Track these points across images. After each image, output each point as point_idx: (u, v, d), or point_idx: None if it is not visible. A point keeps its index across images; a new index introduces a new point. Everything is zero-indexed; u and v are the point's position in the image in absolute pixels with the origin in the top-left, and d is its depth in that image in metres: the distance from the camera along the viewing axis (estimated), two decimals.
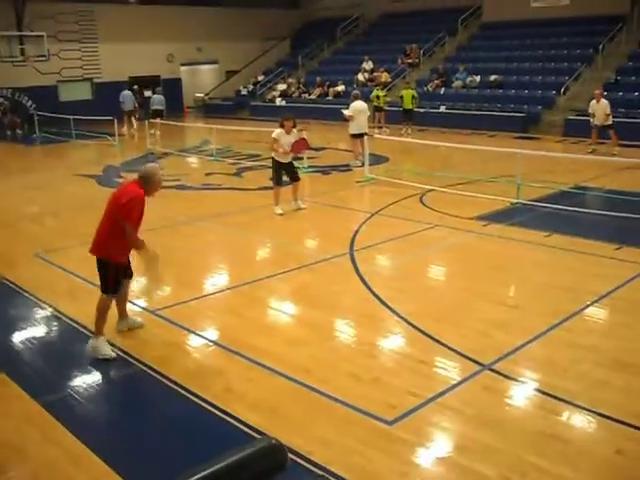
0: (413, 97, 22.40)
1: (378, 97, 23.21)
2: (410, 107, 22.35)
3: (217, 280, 8.56)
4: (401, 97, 22.57)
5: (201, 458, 2.47)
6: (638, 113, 20.48)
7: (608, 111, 17.43)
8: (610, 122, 17.51)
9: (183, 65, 35.13)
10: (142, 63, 32.20)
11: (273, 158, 11.57)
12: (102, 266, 6.40)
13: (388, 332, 6.78)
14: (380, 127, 23.02)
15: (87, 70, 31.35)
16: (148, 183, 6.51)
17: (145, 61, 32.34)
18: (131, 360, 6.18)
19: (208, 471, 1.35)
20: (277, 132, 11.42)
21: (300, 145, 11.81)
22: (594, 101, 17.76)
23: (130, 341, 6.58)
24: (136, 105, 26.30)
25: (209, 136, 21.16)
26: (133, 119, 25.78)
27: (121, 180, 15.77)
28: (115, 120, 21.98)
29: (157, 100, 25.55)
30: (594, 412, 5.04)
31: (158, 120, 23.59)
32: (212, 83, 36.39)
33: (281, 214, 11.41)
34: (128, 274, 6.70)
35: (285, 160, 11.48)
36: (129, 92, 26.63)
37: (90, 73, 31.49)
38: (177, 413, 5.35)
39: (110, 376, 6.03)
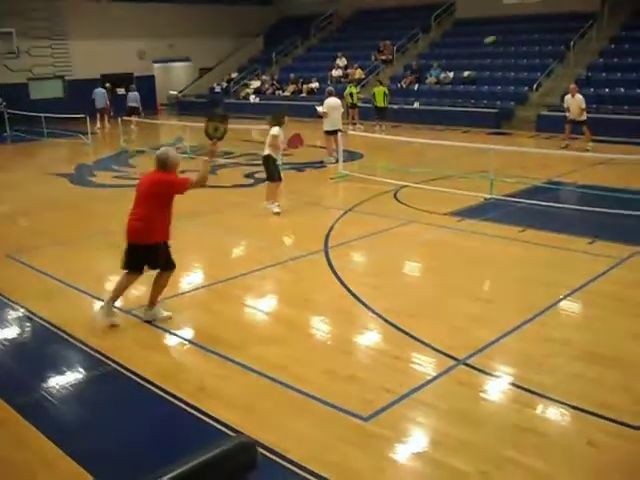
0: (385, 94, 22.40)
1: (351, 94, 23.18)
2: (382, 105, 22.36)
3: (191, 278, 8.50)
4: (373, 95, 22.57)
5: (175, 457, 2.45)
6: (609, 109, 20.69)
7: (583, 106, 17.45)
8: (584, 117, 17.56)
9: (156, 62, 34.84)
10: (114, 60, 31.83)
11: (270, 155, 11.22)
12: (150, 251, 6.77)
13: (363, 328, 6.78)
14: (354, 124, 23.01)
15: (58, 68, 30.93)
16: (166, 166, 6.88)
17: (117, 58, 31.97)
18: (105, 360, 6.11)
19: (175, 472, 1.32)
20: (277, 129, 11.21)
21: (296, 140, 11.79)
22: (569, 95, 17.81)
23: (104, 341, 6.51)
24: (107, 103, 26.09)
25: (183, 133, 21.03)
26: (106, 117, 25.57)
27: (93, 179, 15.64)
28: (87, 118, 21.75)
29: (132, 97, 25.37)
30: (567, 405, 5.09)
31: (134, 117, 23.43)
32: (185, 80, 36.17)
33: (278, 213, 11.19)
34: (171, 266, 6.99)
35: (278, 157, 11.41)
36: (101, 90, 26.52)
37: (61, 71, 31.08)
38: (151, 412, 5.31)
39: (84, 376, 5.95)
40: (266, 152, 11.26)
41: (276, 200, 11.29)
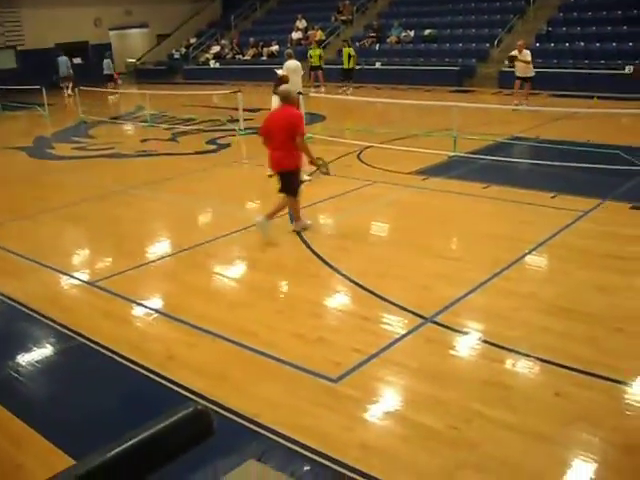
0: (350, 55, 22.29)
1: (311, 56, 22.99)
2: (346, 66, 22.25)
3: (156, 248, 8.41)
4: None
5: None
6: (569, 63, 20.75)
7: (528, 58, 17.06)
8: (532, 74, 17.18)
9: (112, 30, 34.09)
10: (68, 29, 31.05)
11: None
12: (289, 177, 8.01)
13: (331, 291, 6.77)
14: (317, 86, 22.84)
15: (9, 37, 30.11)
16: (289, 100, 8.08)
17: (71, 27, 31.19)
18: (71, 334, 6.02)
19: (123, 446, 1.28)
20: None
21: None
22: (515, 51, 17.49)
23: (69, 314, 6.42)
24: (71, 71, 25.64)
25: (143, 102, 20.69)
26: (70, 85, 25.33)
27: (52, 151, 15.34)
28: (43, 89, 21.25)
29: (106, 65, 25.11)
30: (534, 357, 5.14)
31: (111, 84, 23.41)
32: (143, 48, 35.51)
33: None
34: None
35: None
36: (64, 58, 26.37)
37: (13, 40, 30.27)
38: (120, 384, 5.26)
39: (50, 352, 5.87)
40: None
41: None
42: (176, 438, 1.30)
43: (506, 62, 18.14)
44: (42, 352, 5.84)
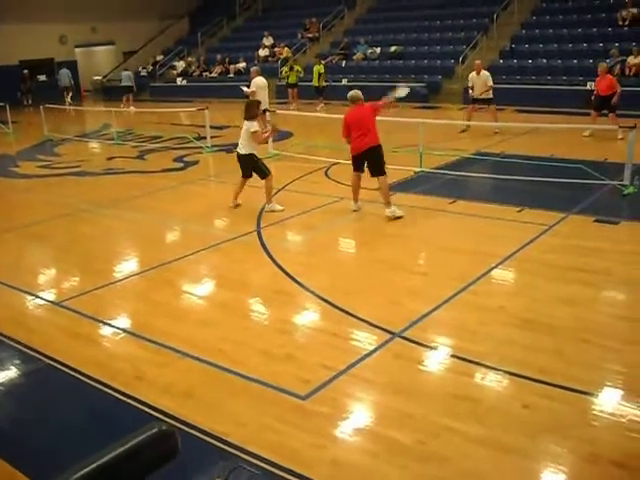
0: (319, 73, 22.51)
1: (287, 73, 23.21)
2: (316, 84, 22.53)
3: (123, 266, 8.32)
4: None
5: None
6: (532, 79, 21.08)
7: (490, 83, 16.49)
8: (490, 96, 16.60)
9: (77, 47, 33.88)
10: (34, 46, 30.75)
11: (252, 154, 10.04)
12: (378, 153, 9.49)
13: (299, 307, 6.76)
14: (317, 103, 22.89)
15: None
16: (360, 99, 9.86)
17: (36, 43, 30.88)
18: (36, 355, 5.93)
19: (86, 470, 1.27)
20: (255, 124, 9.96)
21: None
22: (474, 73, 16.89)
23: (34, 335, 6.33)
24: (72, 82, 28.11)
25: (109, 120, 20.56)
26: (70, 94, 27.58)
27: (16, 169, 15.16)
28: (7, 107, 20.98)
29: (125, 76, 26.09)
30: (502, 370, 5.18)
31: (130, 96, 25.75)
32: (109, 65, 35.31)
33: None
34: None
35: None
36: (66, 70, 29.30)
37: None
38: (86, 405, 5.19)
39: (15, 374, 5.76)
40: (243, 151, 10.04)
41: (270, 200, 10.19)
42: (141, 459, 1.29)
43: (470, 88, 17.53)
44: (6, 374, 5.73)
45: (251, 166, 10.13)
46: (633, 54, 19.62)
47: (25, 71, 28.42)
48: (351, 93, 9.89)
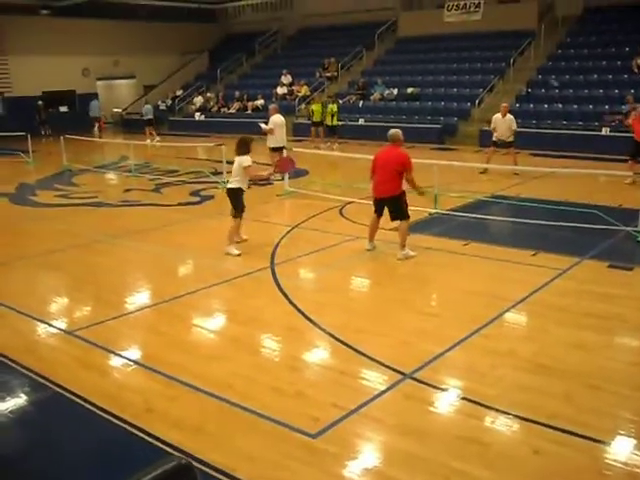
0: (333, 113, 22.70)
1: (314, 112, 23.40)
2: (330, 123, 22.73)
3: (136, 298, 8.38)
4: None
5: None
6: (548, 124, 21.21)
7: (514, 127, 16.66)
8: (512, 139, 16.71)
9: (99, 79, 34.44)
10: (56, 77, 31.36)
11: (241, 188, 10.05)
12: (395, 202, 9.38)
13: (310, 345, 6.77)
14: (326, 142, 23.00)
15: None
16: (399, 140, 9.50)
17: (59, 75, 31.49)
18: (47, 384, 5.96)
19: None
20: (248, 159, 9.87)
21: (287, 164, 11.69)
22: (498, 115, 16.95)
23: (45, 364, 6.36)
24: (102, 113, 30.28)
25: (127, 152, 20.80)
26: (100, 124, 29.66)
27: (34, 198, 15.32)
28: (29, 136, 21.30)
29: (147, 110, 27.42)
30: (512, 415, 5.15)
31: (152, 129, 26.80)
32: (130, 98, 35.82)
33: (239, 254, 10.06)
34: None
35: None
36: (96, 101, 31.40)
37: (0, 87, 30.48)
38: (96, 437, 5.19)
39: (25, 402, 5.79)
40: (233, 185, 10.02)
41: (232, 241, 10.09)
42: None
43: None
44: (16, 402, 5.75)
45: (230, 199, 10.01)
46: None
47: (40, 102, 28.93)
48: (391, 131, 9.66)
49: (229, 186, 10.15)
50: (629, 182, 14.46)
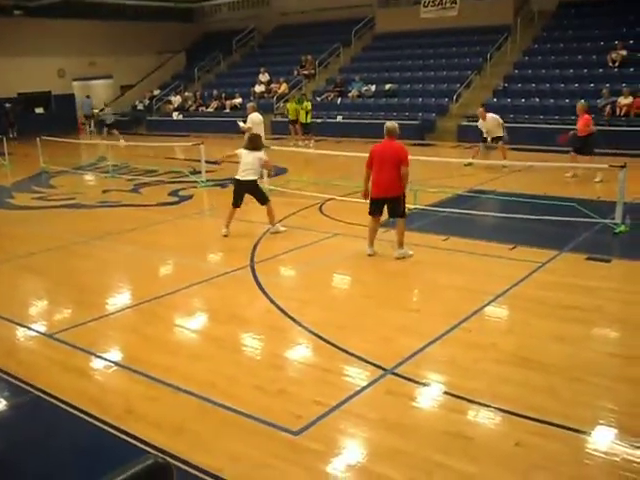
0: (307, 111, 22.67)
1: (289, 110, 23.35)
2: (304, 120, 22.71)
3: (116, 299, 8.32)
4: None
5: None
6: (525, 118, 21.34)
7: (500, 121, 17.07)
8: (501, 133, 17.06)
9: (75, 80, 34.15)
10: (31, 78, 31.02)
11: (256, 180, 10.88)
12: (397, 201, 9.16)
13: (292, 342, 6.76)
14: (304, 140, 22.84)
15: None
16: (395, 134, 9.23)
17: (34, 76, 31.15)
18: (26, 387, 5.90)
19: None
20: (264, 153, 11.01)
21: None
22: (480, 120, 17.37)
23: (25, 367, 6.30)
24: (94, 111, 30.34)
25: (105, 152, 20.64)
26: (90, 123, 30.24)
27: (11, 201, 15.18)
28: (4, 139, 21.07)
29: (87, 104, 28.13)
30: (495, 408, 5.18)
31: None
32: (107, 98, 35.54)
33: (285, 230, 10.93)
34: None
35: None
36: (89, 100, 32.61)
37: None
38: (77, 439, 5.15)
39: (5, 406, 5.74)
40: (251, 177, 10.65)
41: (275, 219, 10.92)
42: None
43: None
44: None
45: (252, 192, 10.69)
46: (623, 95, 19.90)
47: (7, 105, 28.64)
48: (388, 124, 9.29)
49: (245, 179, 10.59)
50: (570, 176, 14.69)
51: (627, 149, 16.54)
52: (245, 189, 10.71)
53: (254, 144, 10.76)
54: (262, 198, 10.84)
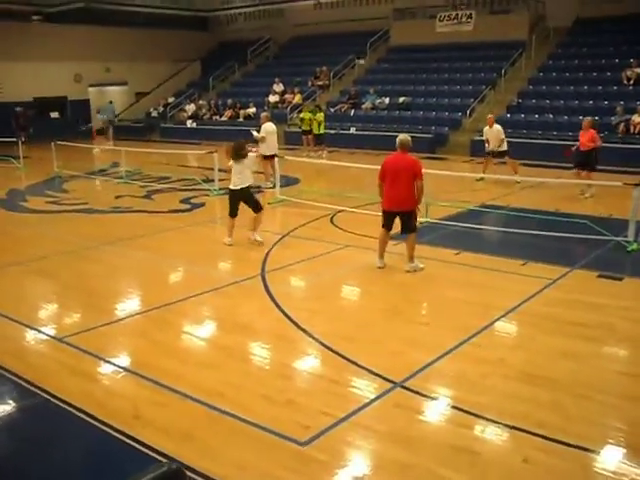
0: (319, 122, 22.69)
1: (303, 120, 23.36)
2: (317, 131, 22.71)
3: (126, 305, 8.35)
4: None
5: None
6: (538, 134, 21.32)
7: (502, 136, 16.83)
8: (505, 148, 16.92)
9: (91, 86, 34.37)
10: (47, 83, 31.22)
11: (250, 186, 10.94)
12: (409, 216, 9.16)
13: (301, 353, 6.77)
14: (317, 150, 22.86)
15: None
16: (408, 147, 9.16)
17: (51, 81, 31.36)
18: (35, 390, 5.93)
19: None
20: (253, 155, 11.27)
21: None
22: (487, 127, 17.27)
23: (34, 370, 6.33)
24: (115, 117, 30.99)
25: (118, 158, 20.75)
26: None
27: (25, 204, 15.27)
28: (19, 142, 21.22)
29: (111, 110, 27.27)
30: (502, 424, 5.17)
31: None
32: (122, 105, 35.76)
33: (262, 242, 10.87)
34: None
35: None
36: (112, 105, 32.69)
37: None
38: (84, 444, 5.18)
39: (11, 407, 5.77)
40: (244, 184, 10.67)
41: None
42: None
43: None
44: (4, 408, 5.74)
45: (246, 200, 10.72)
46: (637, 112, 19.85)
47: (18, 109, 28.77)
48: (401, 137, 9.26)
49: (242, 186, 10.64)
50: (589, 195, 14.44)
51: None
52: (239, 197, 10.77)
53: (239, 152, 10.72)
54: (255, 206, 10.84)
